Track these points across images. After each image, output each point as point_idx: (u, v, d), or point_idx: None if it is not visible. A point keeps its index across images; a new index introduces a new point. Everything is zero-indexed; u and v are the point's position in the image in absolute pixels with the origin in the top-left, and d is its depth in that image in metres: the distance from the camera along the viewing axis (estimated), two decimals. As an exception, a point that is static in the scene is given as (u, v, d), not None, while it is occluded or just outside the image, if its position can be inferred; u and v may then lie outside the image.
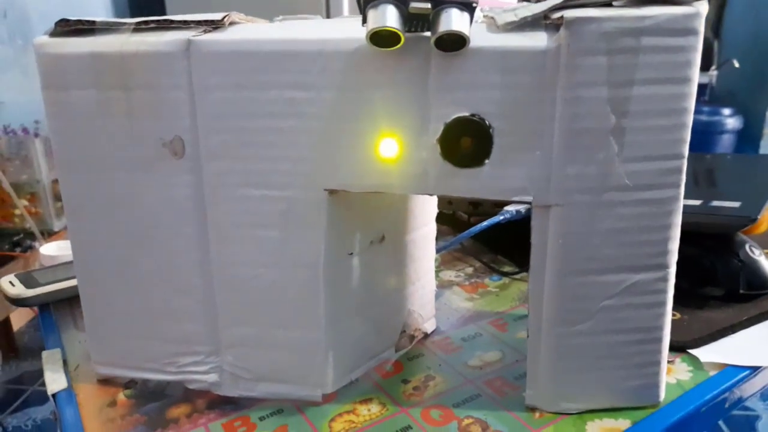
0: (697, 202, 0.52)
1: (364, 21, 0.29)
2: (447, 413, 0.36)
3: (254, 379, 0.37)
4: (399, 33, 0.28)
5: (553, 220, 0.32)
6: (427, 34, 0.30)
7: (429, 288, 0.44)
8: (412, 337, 0.43)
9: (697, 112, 2.14)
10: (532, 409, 0.36)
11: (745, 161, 0.74)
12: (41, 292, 0.49)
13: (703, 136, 2.71)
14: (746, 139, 2.78)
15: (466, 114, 0.30)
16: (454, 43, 0.29)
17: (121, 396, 0.39)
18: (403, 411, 0.37)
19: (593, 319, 0.34)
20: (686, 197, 0.54)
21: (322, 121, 0.31)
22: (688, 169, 0.31)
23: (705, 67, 2.81)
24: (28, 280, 0.51)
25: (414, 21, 0.29)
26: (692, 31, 0.29)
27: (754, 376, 0.40)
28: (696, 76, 0.30)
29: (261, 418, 0.36)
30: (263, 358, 0.37)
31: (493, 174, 0.31)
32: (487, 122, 0.30)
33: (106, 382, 0.40)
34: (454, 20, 0.28)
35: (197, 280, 0.36)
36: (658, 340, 0.34)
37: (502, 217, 0.54)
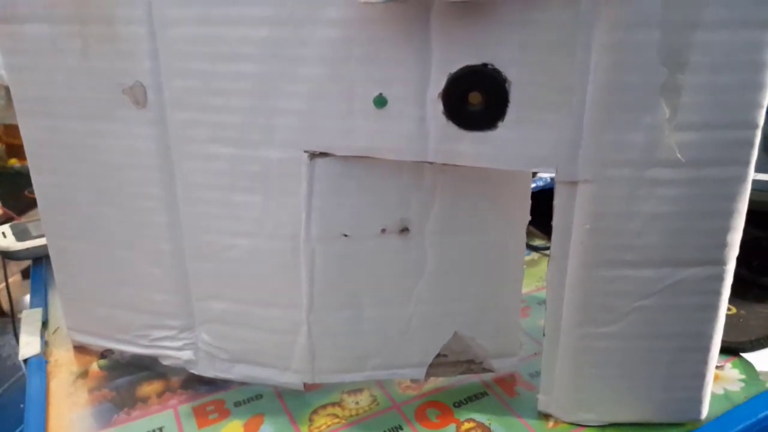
0: (766, 177, 0.44)
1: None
2: (445, 413, 0.31)
3: (230, 360, 0.33)
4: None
5: (581, 198, 0.26)
6: (429, -43, 0.23)
7: (502, 315, 0.33)
8: (462, 367, 0.33)
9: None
10: (546, 416, 0.31)
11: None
12: (31, 246, 0.46)
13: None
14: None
15: (477, 63, 0.24)
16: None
17: (95, 366, 0.36)
18: (395, 407, 0.32)
19: (624, 321, 0.28)
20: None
21: (301, 65, 0.26)
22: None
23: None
24: (21, 232, 0.48)
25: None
26: (783, -43, 0.22)
27: (823, 391, 0.33)
28: (783, 19, 0.23)
29: (237, 404, 0.32)
30: (240, 337, 0.32)
31: (508, 139, 0.25)
32: (502, 74, 0.24)
33: (82, 349, 0.37)
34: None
35: (166, 246, 0.31)
36: (705, 349, 0.28)
37: (534, 184, 0.48)
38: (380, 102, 0.26)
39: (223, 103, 0.27)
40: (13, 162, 1.25)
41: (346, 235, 0.29)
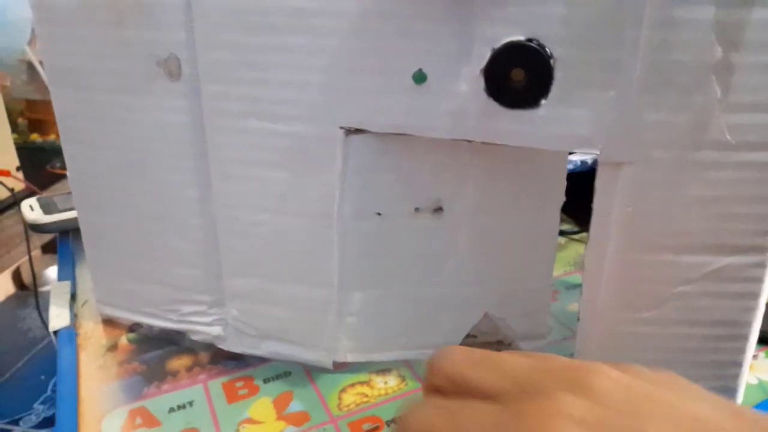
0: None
1: None
2: (474, 395, 0.31)
3: (260, 337, 0.33)
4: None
5: (623, 180, 0.25)
6: (476, -73, 0.23)
7: (532, 297, 0.32)
8: (490, 348, 0.31)
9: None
10: (577, 401, 0.31)
11: None
12: (58, 219, 0.46)
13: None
14: None
15: (521, 38, 0.24)
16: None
17: (124, 339, 0.36)
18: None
19: (663, 307, 0.27)
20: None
21: (336, 38, 0.25)
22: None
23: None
24: (48, 206, 0.48)
25: None
26: None
27: None
28: None
29: (266, 380, 0.33)
30: (269, 314, 0.32)
31: (551, 118, 0.24)
32: (547, 50, 0.23)
33: (110, 322, 0.37)
34: None
35: (196, 220, 0.31)
36: (744, 338, 0.28)
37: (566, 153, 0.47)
38: (420, 78, 0.25)
39: (256, 76, 0.27)
40: (35, 137, 1.26)
41: (379, 214, 0.29)
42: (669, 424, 0.16)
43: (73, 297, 0.40)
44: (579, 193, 0.31)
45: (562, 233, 0.49)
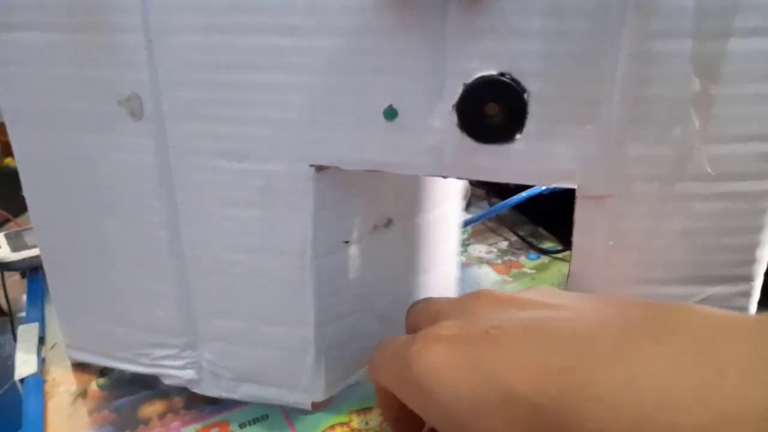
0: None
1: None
2: (460, 434, 0.30)
3: (236, 379, 0.32)
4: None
5: (604, 215, 0.24)
6: (444, -38, 0.22)
7: (449, 276, 0.37)
8: None
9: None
10: None
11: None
12: (27, 256, 0.45)
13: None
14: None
15: (493, 73, 0.23)
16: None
17: (94, 385, 0.35)
18: (407, 427, 0.31)
19: (649, 340, 0.26)
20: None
21: (311, 75, 0.24)
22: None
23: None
24: (17, 241, 0.46)
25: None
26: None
27: None
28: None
29: (242, 425, 0.31)
30: (245, 356, 0.31)
31: (527, 153, 0.24)
32: (521, 84, 0.23)
33: (81, 366, 0.36)
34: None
35: (168, 262, 0.30)
36: (732, 368, 0.27)
37: (545, 186, 0.47)
38: (391, 114, 0.24)
39: (226, 114, 0.26)
40: (9, 161, 1.23)
41: (347, 242, 0.29)
42: (514, 323, 0.19)
43: (42, 340, 0.38)
44: (561, 211, 0.30)
45: (545, 252, 0.49)
